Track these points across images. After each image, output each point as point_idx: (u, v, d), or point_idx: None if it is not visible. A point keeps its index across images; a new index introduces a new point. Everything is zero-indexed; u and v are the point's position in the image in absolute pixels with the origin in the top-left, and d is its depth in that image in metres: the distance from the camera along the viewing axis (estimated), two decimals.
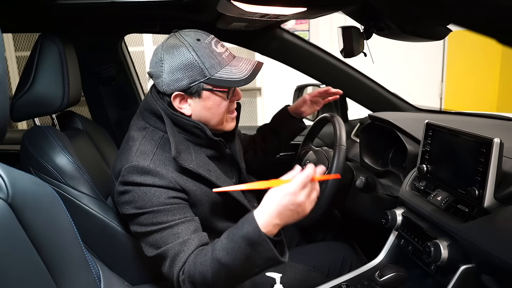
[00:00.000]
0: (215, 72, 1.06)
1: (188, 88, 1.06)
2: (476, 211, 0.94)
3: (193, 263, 0.95)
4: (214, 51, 1.07)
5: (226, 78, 1.06)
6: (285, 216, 0.89)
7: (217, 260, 0.92)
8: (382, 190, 1.32)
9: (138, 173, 1.02)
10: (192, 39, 1.06)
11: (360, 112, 1.86)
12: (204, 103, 1.09)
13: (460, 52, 4.46)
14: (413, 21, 1.03)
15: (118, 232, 1.18)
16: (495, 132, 0.98)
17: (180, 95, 1.07)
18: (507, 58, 4.31)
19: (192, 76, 1.05)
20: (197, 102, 1.09)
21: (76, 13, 1.41)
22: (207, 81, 1.06)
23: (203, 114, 1.10)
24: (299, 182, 0.88)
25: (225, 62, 1.08)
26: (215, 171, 1.12)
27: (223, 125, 1.14)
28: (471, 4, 0.45)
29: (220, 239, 0.95)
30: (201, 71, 1.05)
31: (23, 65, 1.61)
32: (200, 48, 1.05)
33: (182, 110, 1.09)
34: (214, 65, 1.06)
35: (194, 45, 1.05)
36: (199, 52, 1.04)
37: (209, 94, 1.08)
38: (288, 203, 0.88)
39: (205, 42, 1.07)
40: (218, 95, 1.09)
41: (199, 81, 1.05)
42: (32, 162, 1.18)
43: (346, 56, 1.27)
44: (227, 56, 1.10)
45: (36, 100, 1.22)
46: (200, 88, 1.06)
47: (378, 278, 1.05)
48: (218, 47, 1.09)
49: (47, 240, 0.64)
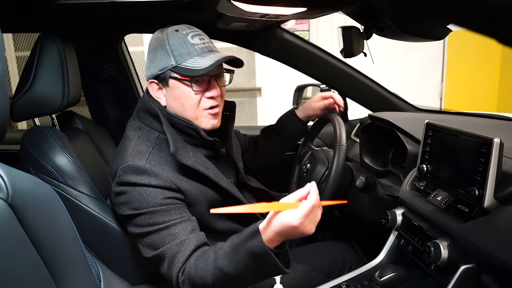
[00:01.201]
0: (182, 61, 1.06)
1: (158, 76, 1.09)
2: (476, 211, 0.94)
3: (194, 266, 0.95)
4: (187, 41, 1.07)
5: (189, 67, 1.06)
6: (290, 235, 0.87)
7: (219, 268, 0.91)
8: (382, 190, 1.32)
9: (133, 173, 1.02)
10: (171, 30, 1.09)
11: (360, 112, 1.86)
12: (173, 92, 1.10)
13: (460, 52, 4.46)
14: (413, 21, 1.02)
15: (118, 232, 1.18)
16: (495, 132, 0.98)
17: (154, 82, 1.11)
18: (507, 58, 4.31)
19: (161, 63, 1.08)
20: (168, 92, 1.10)
21: (76, 13, 1.41)
22: (174, 69, 1.07)
23: (174, 105, 1.11)
24: (304, 213, 0.83)
25: (195, 53, 1.07)
26: (212, 168, 1.12)
27: (198, 121, 1.11)
28: (471, 5, 0.45)
29: (223, 247, 0.93)
30: (169, 59, 1.07)
31: (23, 65, 1.61)
32: (173, 37, 1.07)
33: (159, 99, 1.12)
34: (182, 54, 1.06)
35: (170, 34, 1.08)
36: (171, 41, 1.07)
37: (176, 83, 1.08)
38: (294, 229, 0.85)
39: (182, 33, 1.08)
40: (185, 85, 1.08)
41: (166, 69, 1.07)
42: (32, 162, 1.18)
43: (346, 56, 1.27)
44: (200, 48, 1.08)
45: (36, 100, 1.22)
46: (168, 76, 1.08)
47: (378, 278, 1.05)
48: (194, 39, 1.09)
49: (47, 240, 0.64)
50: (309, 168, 1.38)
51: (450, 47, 4.55)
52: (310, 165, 1.38)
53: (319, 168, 1.34)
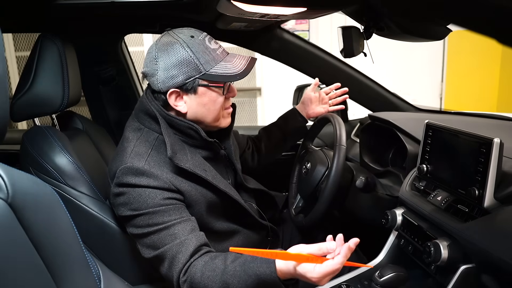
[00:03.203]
0: (210, 68, 1.06)
1: (183, 85, 1.06)
2: (476, 211, 0.94)
3: (200, 273, 0.94)
4: (208, 47, 1.07)
5: (221, 73, 1.06)
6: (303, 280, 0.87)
7: (226, 284, 0.92)
8: (382, 190, 1.32)
9: (132, 174, 1.02)
10: (186, 36, 1.06)
11: (360, 112, 1.87)
12: (200, 99, 1.09)
13: (460, 52, 4.46)
14: (413, 21, 1.02)
15: (118, 232, 1.18)
16: (495, 132, 0.98)
17: (175, 92, 1.07)
18: (507, 58, 4.31)
19: (187, 72, 1.05)
20: (193, 99, 1.09)
21: (76, 13, 1.41)
22: (203, 76, 1.06)
23: (199, 110, 1.10)
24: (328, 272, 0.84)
25: (220, 58, 1.08)
26: (210, 171, 1.12)
27: (219, 121, 1.15)
28: (471, 4, 0.45)
29: (234, 263, 0.93)
30: (196, 67, 1.05)
31: (23, 65, 1.61)
32: (194, 45, 1.05)
33: (178, 107, 1.09)
34: (208, 61, 1.06)
35: (188, 41, 1.05)
36: (193, 48, 1.05)
37: (205, 90, 1.08)
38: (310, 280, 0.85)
39: (199, 39, 1.07)
40: (214, 91, 1.09)
41: (194, 77, 1.06)
42: (32, 162, 1.18)
43: (346, 56, 1.27)
44: (221, 52, 1.10)
45: (36, 100, 1.22)
46: (196, 84, 1.07)
47: (378, 278, 1.05)
48: (212, 43, 1.09)
49: (47, 240, 0.64)
50: (309, 168, 1.38)
51: (450, 47, 4.55)
52: (310, 165, 1.38)
53: (319, 168, 1.34)
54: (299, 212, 1.44)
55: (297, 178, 1.53)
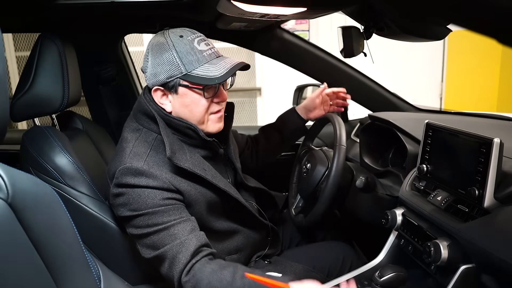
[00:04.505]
0: (192, 69, 1.05)
1: (165, 83, 1.07)
2: (476, 211, 0.94)
3: (207, 280, 0.95)
4: (195, 48, 1.06)
5: (201, 75, 1.05)
6: None
7: None
8: (382, 190, 1.32)
9: (132, 174, 1.02)
10: (175, 36, 1.07)
11: (360, 112, 1.87)
12: (182, 99, 1.09)
13: (460, 52, 4.46)
14: (413, 21, 1.02)
15: (118, 232, 1.18)
16: (495, 132, 0.98)
17: (160, 89, 1.08)
18: (507, 58, 4.31)
19: (169, 71, 1.06)
20: (176, 99, 1.09)
21: (76, 13, 1.41)
22: (183, 77, 1.06)
23: (181, 111, 1.10)
24: None
25: (205, 60, 1.07)
26: (210, 170, 1.12)
27: (204, 125, 1.12)
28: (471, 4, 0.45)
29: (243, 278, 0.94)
30: (178, 67, 1.05)
31: (23, 65, 1.61)
32: (180, 44, 1.05)
33: (164, 105, 1.10)
34: (192, 62, 1.05)
35: (175, 41, 1.06)
36: (178, 48, 1.05)
37: (186, 91, 1.08)
38: None
39: (187, 39, 1.07)
40: (196, 92, 1.08)
41: (175, 77, 1.06)
42: (32, 162, 1.18)
43: (346, 56, 1.27)
44: (208, 55, 1.08)
45: (36, 100, 1.22)
46: (177, 84, 1.07)
47: (378, 278, 1.05)
48: (201, 45, 1.08)
49: (47, 240, 0.64)
50: (309, 168, 1.38)
51: (450, 47, 4.55)
52: (310, 165, 1.38)
53: (319, 168, 1.34)
54: (299, 212, 1.44)
55: (297, 178, 1.53)
